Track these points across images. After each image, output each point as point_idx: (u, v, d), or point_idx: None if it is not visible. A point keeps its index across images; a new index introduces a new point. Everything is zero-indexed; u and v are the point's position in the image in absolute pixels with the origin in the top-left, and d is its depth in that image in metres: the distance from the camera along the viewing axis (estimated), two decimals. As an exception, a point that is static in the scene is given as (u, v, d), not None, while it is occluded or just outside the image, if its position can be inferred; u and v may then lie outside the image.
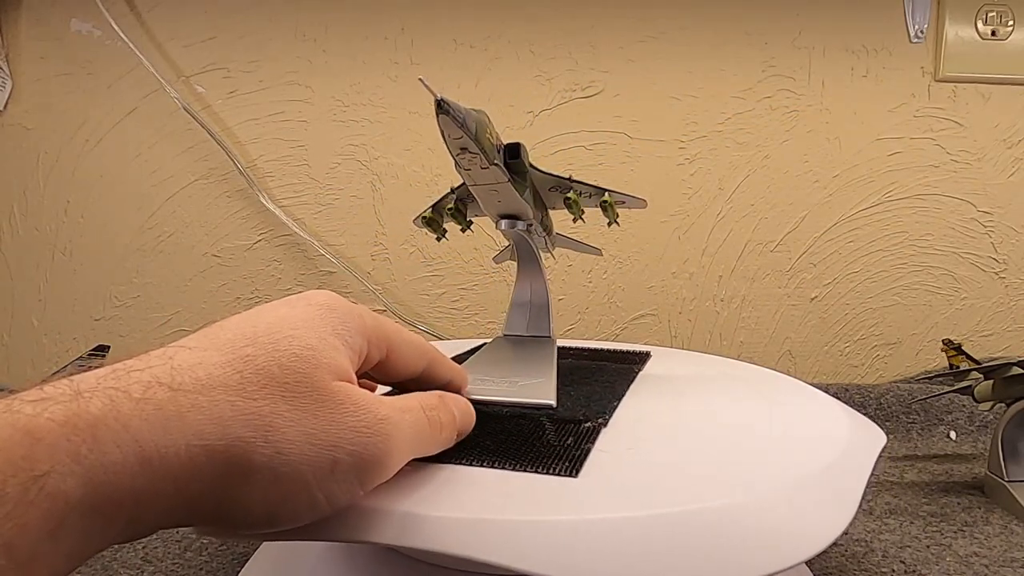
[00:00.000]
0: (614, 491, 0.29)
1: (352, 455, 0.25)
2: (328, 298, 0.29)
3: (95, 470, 0.20)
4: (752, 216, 0.87)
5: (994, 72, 0.85)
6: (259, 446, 0.23)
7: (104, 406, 0.21)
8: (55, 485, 0.19)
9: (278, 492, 0.24)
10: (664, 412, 0.39)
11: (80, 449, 0.20)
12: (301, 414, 0.24)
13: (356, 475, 0.25)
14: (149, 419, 0.21)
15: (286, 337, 0.26)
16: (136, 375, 0.23)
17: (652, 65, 0.85)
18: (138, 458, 0.21)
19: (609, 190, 0.45)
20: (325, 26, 0.83)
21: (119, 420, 0.21)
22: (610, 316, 0.87)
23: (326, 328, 0.27)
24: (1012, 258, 0.88)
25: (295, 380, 0.25)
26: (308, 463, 0.24)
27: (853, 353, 0.89)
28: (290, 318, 0.27)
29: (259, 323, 0.26)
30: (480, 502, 0.28)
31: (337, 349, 0.27)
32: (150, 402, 0.22)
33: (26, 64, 0.82)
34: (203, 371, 0.24)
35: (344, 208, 0.85)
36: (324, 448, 0.24)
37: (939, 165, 0.86)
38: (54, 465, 0.19)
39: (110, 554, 0.48)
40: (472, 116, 0.35)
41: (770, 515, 0.28)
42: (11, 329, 0.85)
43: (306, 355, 0.25)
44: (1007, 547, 0.50)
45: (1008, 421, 0.58)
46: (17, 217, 0.84)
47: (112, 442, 0.20)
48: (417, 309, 0.86)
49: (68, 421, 0.20)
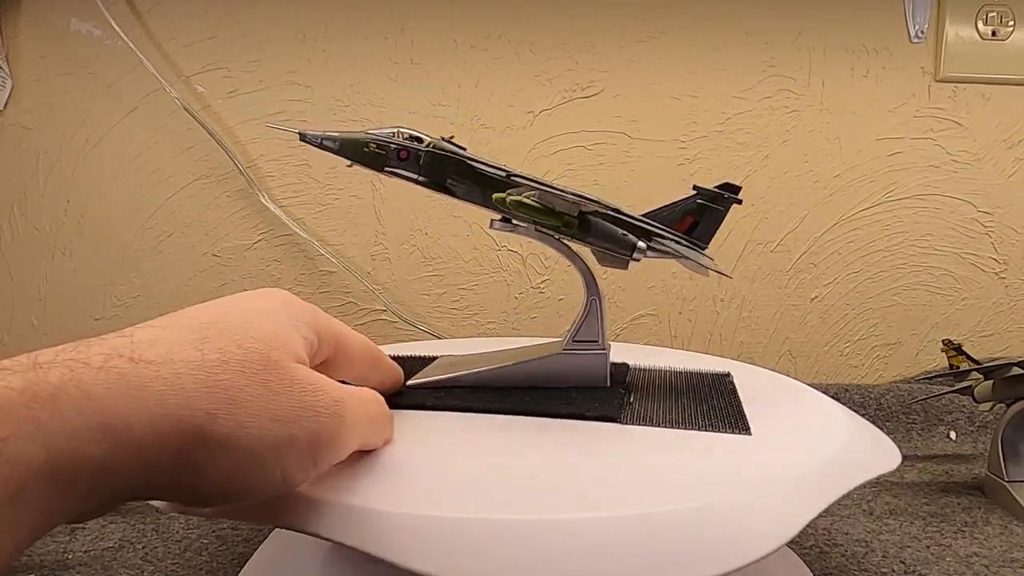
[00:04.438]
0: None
1: (309, 433, 0.25)
2: (283, 295, 0.30)
3: (56, 436, 0.20)
4: (752, 216, 0.87)
5: (994, 72, 0.85)
6: (221, 418, 0.23)
7: (63, 375, 0.21)
8: (15, 450, 0.19)
9: (237, 465, 0.24)
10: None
11: (40, 416, 0.20)
12: (262, 390, 0.24)
13: (311, 454, 0.26)
14: (112, 388, 0.22)
15: (244, 323, 0.26)
16: (96, 347, 0.23)
17: (652, 65, 0.85)
18: (101, 425, 0.21)
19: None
20: (325, 26, 0.83)
21: (80, 388, 0.21)
22: (610, 316, 0.87)
23: (282, 318, 0.28)
24: (1012, 258, 0.88)
25: (253, 359, 0.25)
26: (268, 438, 0.24)
27: (853, 353, 0.89)
28: (247, 308, 0.28)
29: (216, 310, 0.27)
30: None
31: (293, 337, 0.28)
32: (111, 372, 0.22)
33: (26, 64, 0.82)
34: (163, 347, 0.24)
35: (344, 208, 0.85)
36: (283, 424, 0.25)
37: (939, 165, 0.86)
38: (13, 431, 0.19)
39: (110, 554, 0.48)
40: (331, 136, 0.44)
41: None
42: (11, 329, 0.85)
43: (264, 337, 0.26)
44: (1007, 547, 0.50)
45: (1008, 421, 0.58)
46: (17, 216, 0.84)
47: (73, 409, 0.20)
48: (417, 309, 0.86)
49: (27, 389, 0.20)
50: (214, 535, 0.51)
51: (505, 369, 0.41)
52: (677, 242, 0.40)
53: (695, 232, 0.41)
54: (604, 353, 0.41)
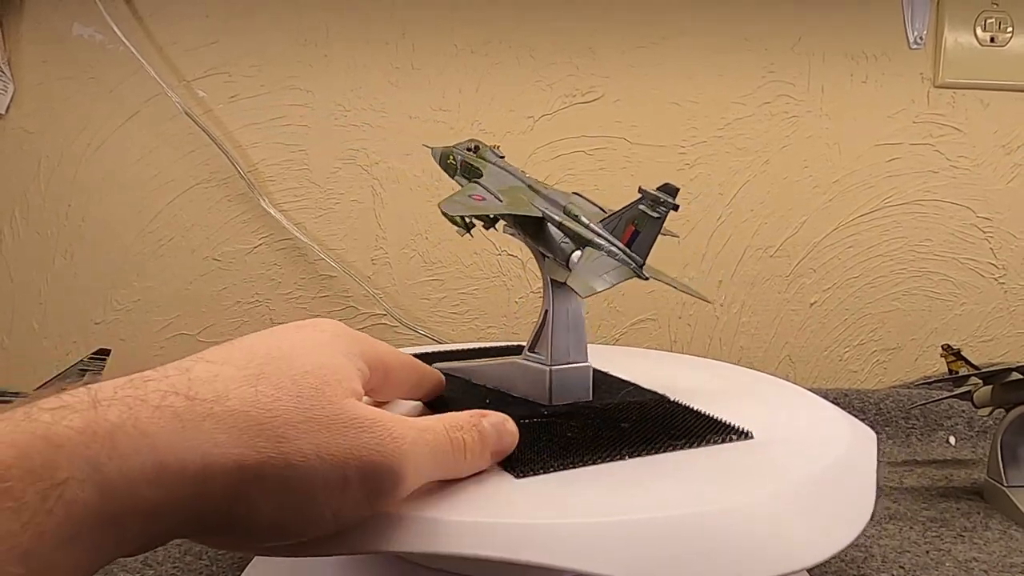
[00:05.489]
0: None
1: (363, 473, 0.25)
2: (333, 325, 0.30)
3: (113, 477, 0.20)
4: (752, 221, 0.87)
5: (993, 78, 0.85)
6: (271, 456, 0.23)
7: (122, 414, 0.21)
8: (73, 493, 0.19)
9: (287, 504, 0.23)
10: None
11: (99, 457, 0.20)
12: (314, 427, 0.24)
13: (366, 494, 0.25)
14: (167, 427, 0.21)
15: (299, 356, 0.26)
16: (153, 384, 0.23)
17: (652, 70, 0.85)
18: (155, 465, 0.21)
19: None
20: (326, 30, 0.83)
21: (137, 427, 0.21)
22: (610, 321, 0.87)
23: (336, 350, 0.28)
24: (1011, 264, 0.88)
25: (308, 395, 0.25)
26: (319, 477, 0.24)
27: (852, 358, 0.89)
28: (301, 340, 0.28)
29: (272, 343, 0.27)
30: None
31: (348, 370, 0.27)
32: (168, 410, 0.22)
33: (28, 68, 0.82)
34: (220, 384, 0.24)
35: (345, 212, 0.85)
36: (336, 464, 0.24)
37: (938, 171, 0.87)
38: (73, 473, 0.19)
39: (110, 558, 0.48)
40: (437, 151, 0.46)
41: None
42: (11, 332, 0.85)
43: (319, 372, 0.26)
44: (1006, 552, 0.50)
45: (1007, 426, 0.59)
46: (18, 220, 0.84)
47: (131, 449, 0.20)
48: (417, 314, 0.86)
49: (87, 429, 0.20)
50: (214, 539, 0.51)
51: (470, 367, 0.43)
52: (611, 254, 0.37)
53: (634, 244, 0.37)
54: (546, 368, 0.40)
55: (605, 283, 0.35)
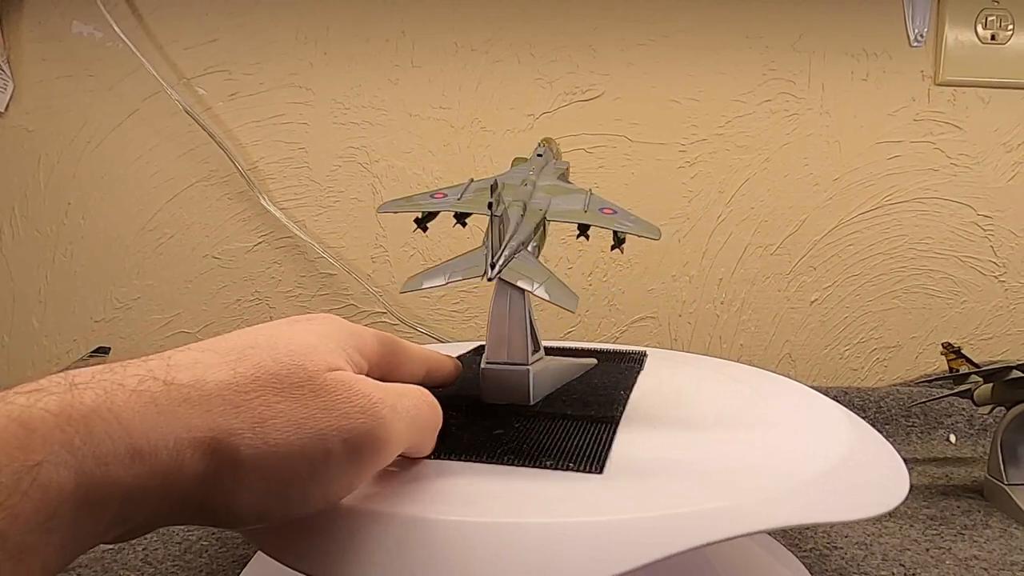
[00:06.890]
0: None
1: (345, 441, 0.24)
2: (329, 318, 0.30)
3: (87, 461, 0.20)
4: (752, 219, 0.87)
5: (994, 76, 0.85)
6: (247, 437, 0.23)
7: (98, 397, 0.21)
8: (48, 475, 0.19)
9: (268, 485, 0.23)
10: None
11: (73, 440, 0.20)
12: (292, 404, 0.24)
13: (351, 462, 0.25)
14: (141, 411, 0.21)
15: (285, 341, 0.26)
16: (132, 369, 0.23)
17: (652, 68, 0.85)
18: (128, 450, 0.21)
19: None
20: (326, 28, 0.83)
21: (112, 411, 0.21)
22: (610, 319, 0.87)
23: (324, 336, 0.28)
24: (1012, 261, 0.88)
25: (287, 371, 0.24)
26: (299, 454, 0.23)
27: (853, 356, 0.89)
28: (291, 328, 0.27)
29: (260, 332, 0.27)
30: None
31: (332, 350, 0.27)
32: (144, 394, 0.22)
33: (27, 66, 0.82)
34: (200, 369, 0.24)
35: (345, 210, 0.85)
36: (314, 437, 0.24)
37: (939, 169, 0.87)
38: (47, 455, 0.19)
39: (110, 555, 0.48)
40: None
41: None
42: (11, 330, 0.85)
43: (302, 350, 0.26)
44: (1007, 550, 0.50)
45: (1008, 424, 0.58)
46: (18, 218, 0.84)
47: (104, 433, 0.20)
48: (417, 312, 0.86)
49: (62, 412, 0.20)
50: (214, 537, 0.51)
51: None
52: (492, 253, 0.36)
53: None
54: (527, 370, 0.39)
55: (434, 282, 0.36)
